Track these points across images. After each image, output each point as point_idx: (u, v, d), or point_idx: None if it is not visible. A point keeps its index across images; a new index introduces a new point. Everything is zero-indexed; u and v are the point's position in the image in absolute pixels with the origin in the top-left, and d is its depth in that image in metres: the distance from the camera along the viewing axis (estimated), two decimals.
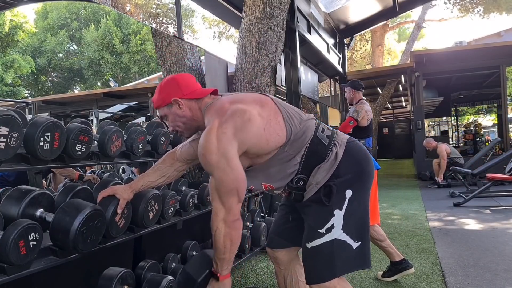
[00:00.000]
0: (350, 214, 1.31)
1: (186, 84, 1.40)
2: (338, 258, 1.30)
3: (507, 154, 5.73)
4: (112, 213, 1.52)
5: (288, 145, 1.33)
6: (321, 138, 1.37)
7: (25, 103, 8.11)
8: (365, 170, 1.37)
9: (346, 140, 1.40)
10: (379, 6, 7.24)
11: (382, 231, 2.57)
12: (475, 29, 64.98)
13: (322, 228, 1.30)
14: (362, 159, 1.39)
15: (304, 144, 1.34)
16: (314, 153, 1.35)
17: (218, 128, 1.21)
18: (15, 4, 4.70)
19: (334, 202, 1.31)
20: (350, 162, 1.35)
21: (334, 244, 1.29)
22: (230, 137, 1.20)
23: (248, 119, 1.23)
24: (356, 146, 1.40)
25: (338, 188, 1.31)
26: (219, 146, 1.19)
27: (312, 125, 1.39)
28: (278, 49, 3.51)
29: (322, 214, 1.32)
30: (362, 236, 1.34)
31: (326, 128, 1.43)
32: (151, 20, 16.38)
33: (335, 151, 1.34)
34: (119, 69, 20.85)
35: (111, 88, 11.01)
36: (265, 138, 1.28)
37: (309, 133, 1.36)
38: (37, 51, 20.98)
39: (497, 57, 7.85)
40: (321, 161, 1.34)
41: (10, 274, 1.20)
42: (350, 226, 1.31)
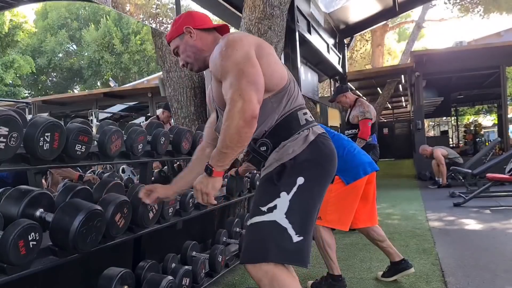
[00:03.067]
0: (297, 203, 1.24)
1: (199, 17, 1.48)
2: (274, 243, 1.21)
3: (507, 154, 5.74)
4: (112, 213, 1.52)
5: (276, 95, 1.32)
6: (299, 117, 1.35)
7: (25, 103, 8.12)
8: (325, 167, 1.33)
9: (320, 132, 1.36)
10: (379, 6, 7.24)
11: (382, 232, 2.57)
12: (475, 29, 64.91)
13: (264, 206, 1.24)
14: (326, 156, 1.34)
15: (285, 110, 1.33)
16: (287, 124, 1.32)
17: (239, 37, 1.29)
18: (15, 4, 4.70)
19: (283, 183, 1.25)
20: (314, 152, 1.30)
21: (273, 226, 1.22)
22: (251, 43, 1.28)
23: (263, 47, 1.31)
24: (327, 143, 1.36)
25: (291, 170, 1.26)
26: (242, 44, 1.25)
27: (299, 103, 1.39)
28: (278, 49, 3.51)
29: (268, 192, 1.27)
30: (306, 232, 1.26)
31: (310, 115, 1.40)
32: (151, 20, 16.38)
33: (306, 133, 1.32)
34: (119, 69, 20.85)
35: (111, 88, 11.02)
36: (272, 68, 1.30)
37: (294, 105, 1.35)
38: (37, 51, 20.99)
39: (497, 57, 7.85)
40: (288, 136, 1.31)
41: (10, 274, 1.20)
42: (294, 215, 1.23)
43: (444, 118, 18.74)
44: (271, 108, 1.32)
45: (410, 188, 7.19)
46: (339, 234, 3.40)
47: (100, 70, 21.30)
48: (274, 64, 1.32)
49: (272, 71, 1.30)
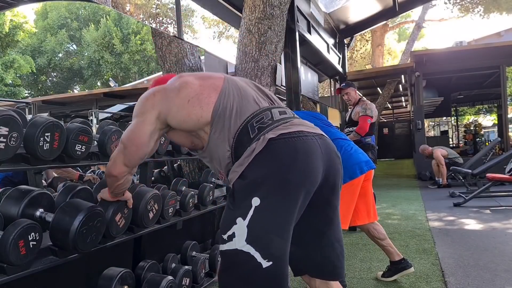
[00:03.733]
0: (258, 227, 1.09)
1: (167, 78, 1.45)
2: (241, 274, 1.11)
3: (507, 154, 5.74)
4: (112, 213, 1.52)
5: (214, 126, 1.20)
6: (250, 128, 1.18)
7: (25, 103, 8.12)
8: (285, 177, 1.10)
9: (275, 136, 1.14)
10: (379, 6, 7.24)
11: (383, 230, 2.57)
12: (475, 29, 65.05)
13: (225, 234, 1.13)
14: (286, 163, 1.12)
15: (233, 132, 1.19)
16: (240, 144, 1.18)
17: (157, 88, 1.28)
18: (15, 4, 4.70)
19: (237, 207, 1.12)
20: (266, 164, 1.12)
21: (237, 255, 1.09)
22: (156, 101, 1.24)
23: (177, 89, 1.24)
24: (285, 146, 1.13)
25: (242, 192, 1.12)
26: (144, 103, 1.26)
27: (250, 110, 1.21)
28: (278, 49, 3.51)
29: (225, 218, 1.15)
30: (276, 256, 1.10)
31: (269, 117, 1.21)
32: (151, 20, 16.39)
33: (253, 147, 1.14)
34: (119, 69, 20.85)
35: (111, 88, 11.01)
36: (187, 111, 1.21)
37: (242, 119, 1.19)
38: (37, 51, 20.98)
39: (497, 57, 7.85)
40: (240, 156, 1.17)
41: (10, 274, 1.20)
42: (258, 240, 1.09)
43: (444, 118, 18.75)
44: (219, 139, 1.21)
45: (410, 188, 7.19)
46: None
47: (100, 70, 21.29)
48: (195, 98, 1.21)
49: (191, 107, 1.20)
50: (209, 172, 2.70)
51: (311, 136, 1.19)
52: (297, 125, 1.20)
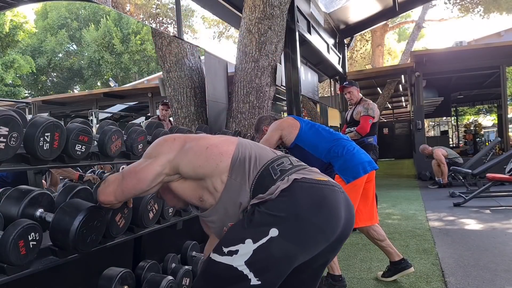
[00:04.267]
0: (264, 256, 1.08)
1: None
2: (223, 285, 1.11)
3: (507, 154, 5.74)
4: (112, 213, 1.52)
5: (234, 171, 1.20)
6: (271, 171, 1.20)
7: (25, 103, 8.12)
8: (307, 218, 1.10)
9: (299, 178, 1.15)
10: (379, 6, 7.24)
11: (382, 231, 2.57)
12: (475, 29, 65.03)
13: (226, 247, 1.12)
14: (311, 205, 1.11)
15: (254, 175, 1.20)
16: (261, 186, 1.18)
17: (177, 135, 1.31)
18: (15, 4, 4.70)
19: (252, 229, 1.11)
20: (291, 201, 1.11)
21: (228, 270, 1.09)
22: (174, 147, 1.25)
23: (197, 138, 1.28)
24: (311, 190, 1.13)
25: (262, 218, 1.11)
26: (160, 146, 1.26)
27: (270, 156, 1.26)
28: (278, 49, 3.51)
29: (234, 234, 1.15)
30: (266, 279, 1.10)
31: (288, 163, 1.24)
32: (151, 20, 16.39)
33: (278, 185, 1.14)
34: (119, 69, 20.86)
35: (111, 88, 11.02)
36: (204, 157, 1.22)
37: (262, 163, 1.22)
38: (37, 51, 20.99)
39: (497, 57, 7.85)
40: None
41: (10, 274, 1.20)
42: (257, 263, 1.09)
43: (444, 118, 18.75)
44: (237, 183, 1.21)
45: (410, 188, 7.19)
46: None
47: (100, 70, 21.30)
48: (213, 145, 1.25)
49: (209, 153, 1.22)
50: None
51: (337, 187, 1.20)
52: (318, 173, 1.23)
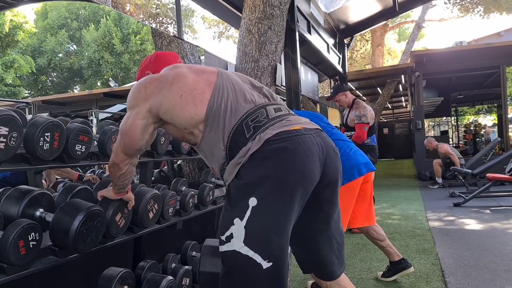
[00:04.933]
0: (256, 228, 1.08)
1: (163, 61, 1.46)
2: (240, 275, 1.10)
3: (507, 154, 5.74)
4: (112, 213, 1.52)
5: (209, 125, 1.18)
6: (245, 128, 1.15)
7: (25, 103, 8.11)
8: (283, 177, 1.09)
9: (271, 135, 1.12)
10: (379, 6, 7.24)
11: (382, 231, 2.57)
12: (475, 29, 65.10)
13: (223, 235, 1.12)
14: (283, 163, 1.10)
15: (227, 131, 1.17)
16: (236, 144, 1.15)
17: (148, 79, 1.26)
18: (15, 4, 4.70)
19: (234, 208, 1.10)
20: (263, 163, 1.10)
21: (236, 256, 1.09)
22: (148, 93, 1.23)
23: (170, 82, 1.22)
24: (282, 146, 1.11)
25: (238, 192, 1.11)
26: (136, 96, 1.25)
27: (246, 108, 1.19)
28: (278, 49, 3.51)
29: (224, 219, 1.14)
30: (274, 257, 1.09)
31: (264, 115, 1.18)
32: (151, 20, 16.38)
33: (249, 146, 1.12)
34: (119, 69, 20.85)
35: (111, 88, 11.01)
36: (179, 106, 1.18)
37: (236, 118, 1.17)
38: (37, 51, 20.99)
39: (497, 57, 7.85)
40: (235, 155, 1.16)
41: (10, 274, 1.20)
42: (256, 242, 1.08)
43: (444, 118, 18.75)
44: (213, 138, 1.19)
45: (410, 188, 7.19)
46: None
47: (100, 70, 21.30)
48: (188, 93, 1.19)
49: (184, 103, 1.18)
50: (209, 172, 2.70)
51: (309, 134, 1.17)
52: (294, 123, 1.18)
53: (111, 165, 1.36)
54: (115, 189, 1.49)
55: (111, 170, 1.38)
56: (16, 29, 16.93)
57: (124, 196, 1.54)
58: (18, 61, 17.29)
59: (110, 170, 1.38)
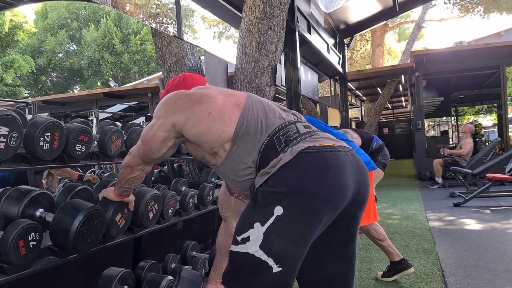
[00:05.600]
0: (275, 235, 1.07)
1: (191, 82, 1.47)
2: (248, 275, 1.10)
3: (507, 154, 5.73)
4: (112, 213, 1.52)
5: (237, 142, 1.18)
6: (276, 142, 1.16)
7: (25, 103, 8.11)
8: (313, 191, 1.07)
9: (304, 148, 1.11)
10: (379, 6, 7.24)
11: (383, 231, 2.57)
12: (475, 29, 65.11)
13: (239, 236, 1.12)
14: (315, 176, 1.08)
15: (258, 146, 1.17)
16: (266, 158, 1.16)
17: (179, 94, 1.27)
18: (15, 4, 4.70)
19: (258, 212, 1.10)
20: (292, 174, 1.09)
21: (247, 258, 1.09)
22: (176, 108, 1.23)
23: (199, 101, 1.22)
24: (315, 159, 1.10)
25: (265, 198, 1.10)
26: (163, 109, 1.25)
27: (276, 124, 1.20)
28: (278, 49, 3.51)
29: (244, 220, 1.14)
30: (286, 263, 1.09)
31: (294, 131, 1.19)
32: (151, 20, 16.38)
33: (280, 158, 1.12)
34: (119, 69, 20.86)
35: (111, 88, 11.02)
36: (207, 123, 1.18)
37: (267, 133, 1.18)
38: (37, 51, 21.00)
39: (497, 57, 7.85)
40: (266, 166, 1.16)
41: (10, 274, 1.20)
42: (272, 247, 1.07)
43: (444, 118, 18.75)
44: (239, 156, 1.19)
45: (410, 188, 7.19)
46: None
47: (100, 70, 21.30)
48: (217, 111, 1.20)
49: (212, 120, 1.19)
50: (209, 172, 2.70)
51: (343, 151, 1.16)
52: (325, 139, 1.18)
53: (124, 166, 1.36)
54: (119, 191, 1.48)
55: (122, 170, 1.38)
56: (16, 29, 16.93)
57: (124, 198, 1.54)
58: (18, 61, 17.29)
59: (122, 170, 1.38)
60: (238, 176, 1.22)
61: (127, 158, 1.35)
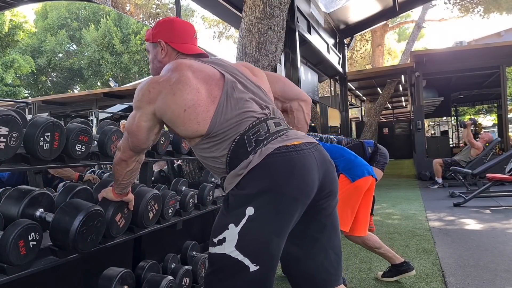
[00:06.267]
0: (249, 235, 1.11)
1: (179, 33, 1.43)
2: (225, 275, 1.14)
3: (507, 154, 5.73)
4: (112, 213, 1.52)
5: (209, 138, 1.23)
6: (246, 141, 1.19)
7: (25, 103, 8.12)
8: (281, 191, 1.12)
9: (272, 150, 1.15)
10: (379, 6, 7.24)
11: (377, 239, 2.55)
12: (475, 29, 65.15)
13: (215, 238, 1.16)
14: (282, 177, 1.13)
15: (228, 143, 1.21)
16: (236, 156, 1.19)
17: (151, 83, 1.26)
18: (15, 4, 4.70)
19: (231, 214, 1.14)
20: (262, 176, 1.13)
21: (225, 259, 1.13)
22: (152, 98, 1.24)
23: (173, 93, 1.21)
24: (282, 161, 1.14)
25: (236, 200, 1.15)
26: (141, 98, 1.26)
27: (246, 123, 1.21)
28: (278, 49, 3.51)
29: (219, 223, 1.18)
30: (262, 261, 1.13)
31: (265, 130, 1.21)
32: (151, 20, 16.38)
33: (250, 159, 1.15)
34: (119, 69, 20.86)
35: (111, 88, 11.01)
36: (182, 120, 1.21)
37: (238, 131, 1.20)
38: (37, 51, 21.01)
39: (497, 57, 7.85)
40: (235, 167, 1.19)
41: (10, 274, 1.20)
42: (247, 246, 1.11)
43: (444, 118, 18.75)
44: (210, 148, 1.24)
45: (410, 188, 7.19)
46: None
47: (100, 70, 21.31)
48: (192, 108, 1.20)
49: (187, 119, 1.20)
50: (209, 172, 2.70)
51: (307, 148, 1.20)
52: (293, 138, 1.21)
53: (117, 163, 1.37)
54: (117, 190, 1.48)
55: (117, 168, 1.38)
56: (16, 29, 16.93)
57: (124, 197, 1.54)
58: (18, 61, 17.31)
59: (116, 168, 1.38)
60: (209, 162, 1.28)
61: (117, 154, 1.36)
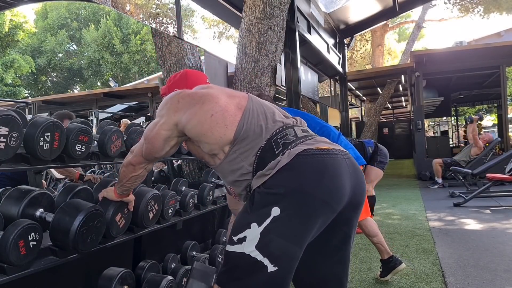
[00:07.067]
0: (271, 236, 1.08)
1: (193, 81, 1.47)
2: (242, 274, 1.10)
3: (507, 154, 5.73)
4: (112, 213, 1.52)
5: (236, 145, 1.20)
6: (274, 145, 1.18)
7: (25, 103, 8.12)
8: (307, 192, 1.09)
9: (301, 150, 1.13)
10: (379, 6, 7.24)
11: (375, 226, 2.58)
12: (475, 29, 65.14)
13: (235, 236, 1.12)
14: (312, 178, 1.10)
15: (256, 149, 1.19)
16: (263, 161, 1.17)
17: (182, 94, 1.27)
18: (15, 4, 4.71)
19: (254, 213, 1.11)
20: (290, 176, 1.10)
21: (243, 258, 1.09)
22: (179, 107, 1.24)
23: (202, 101, 1.23)
24: (312, 162, 1.12)
25: (263, 199, 1.11)
26: (166, 108, 1.26)
27: (274, 128, 1.22)
28: (278, 49, 3.51)
29: (240, 221, 1.15)
30: (281, 262, 1.09)
31: (292, 134, 1.21)
32: (151, 20, 16.39)
33: (278, 159, 1.13)
34: (119, 69, 20.85)
35: (111, 88, 11.02)
36: (209, 125, 1.19)
37: (265, 137, 1.20)
38: (37, 51, 21.00)
39: (497, 57, 7.85)
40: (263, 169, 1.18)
41: (10, 274, 1.20)
42: (268, 246, 1.08)
43: (444, 118, 18.75)
44: (237, 157, 1.21)
45: (410, 188, 7.19)
46: None
47: (100, 70, 21.30)
48: (219, 113, 1.20)
49: (214, 123, 1.20)
50: (209, 172, 2.70)
51: (339, 154, 1.18)
52: (322, 142, 1.20)
53: (126, 165, 1.35)
54: (119, 190, 1.48)
55: (124, 169, 1.37)
56: (16, 29, 16.93)
57: (124, 198, 1.54)
58: (18, 61, 17.30)
59: (123, 169, 1.37)
60: (235, 177, 1.24)
61: (129, 156, 1.35)
